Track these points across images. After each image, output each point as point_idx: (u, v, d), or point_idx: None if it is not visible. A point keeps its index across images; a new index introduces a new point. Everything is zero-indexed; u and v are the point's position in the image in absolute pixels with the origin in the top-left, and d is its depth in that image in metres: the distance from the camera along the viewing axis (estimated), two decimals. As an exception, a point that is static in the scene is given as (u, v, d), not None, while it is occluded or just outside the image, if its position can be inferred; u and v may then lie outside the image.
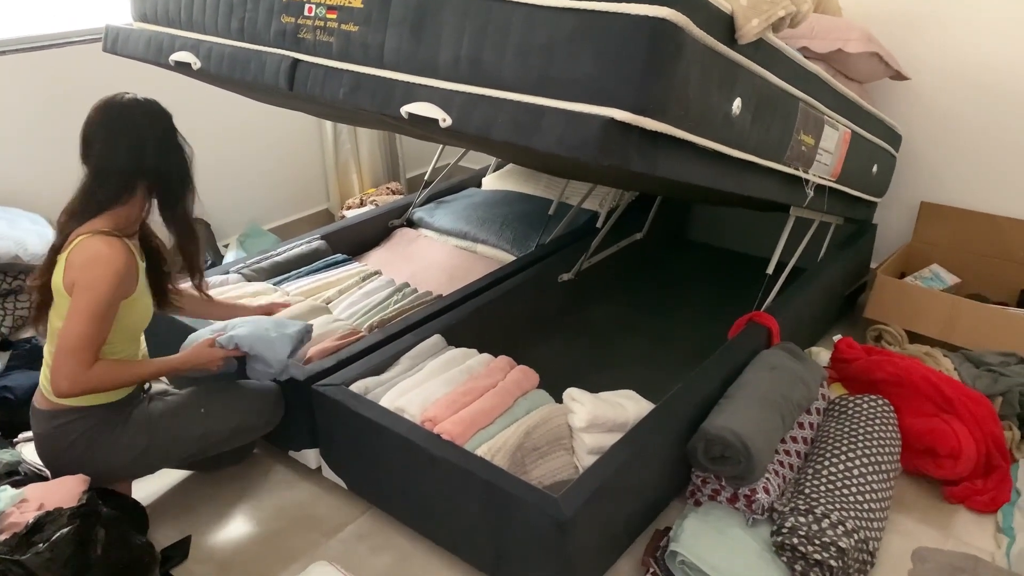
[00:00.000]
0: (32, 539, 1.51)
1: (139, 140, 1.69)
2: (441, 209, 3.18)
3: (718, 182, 1.63)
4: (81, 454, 1.74)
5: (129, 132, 1.69)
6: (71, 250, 1.65)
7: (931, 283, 2.85)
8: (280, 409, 2.00)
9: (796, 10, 1.55)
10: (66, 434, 1.74)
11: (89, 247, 1.63)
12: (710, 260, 3.33)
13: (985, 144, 2.83)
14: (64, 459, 1.76)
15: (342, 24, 1.56)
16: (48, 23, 2.84)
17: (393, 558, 1.87)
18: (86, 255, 1.63)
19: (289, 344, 1.88)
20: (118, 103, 1.70)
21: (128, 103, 1.71)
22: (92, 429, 1.74)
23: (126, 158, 1.68)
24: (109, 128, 1.68)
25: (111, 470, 1.79)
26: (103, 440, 1.75)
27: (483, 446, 1.75)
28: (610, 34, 1.25)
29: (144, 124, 1.71)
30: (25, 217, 2.60)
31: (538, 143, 1.32)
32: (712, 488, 1.88)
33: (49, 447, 1.77)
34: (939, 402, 2.11)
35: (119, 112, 1.70)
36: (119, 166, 1.68)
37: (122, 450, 1.77)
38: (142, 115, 1.71)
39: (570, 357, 2.58)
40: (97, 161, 1.69)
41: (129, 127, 1.69)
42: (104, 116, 1.69)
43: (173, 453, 1.86)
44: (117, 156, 1.68)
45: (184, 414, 1.86)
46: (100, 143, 1.68)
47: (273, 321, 1.96)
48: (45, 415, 1.75)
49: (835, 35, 2.40)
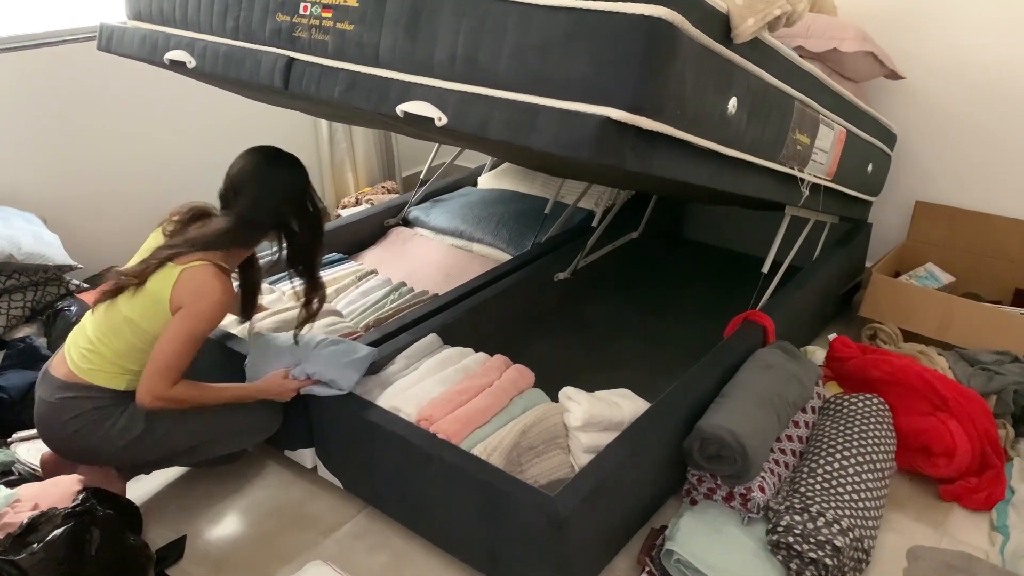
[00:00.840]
0: (26, 539, 1.51)
1: (285, 199, 1.80)
2: (437, 208, 3.17)
3: (714, 181, 1.63)
4: (77, 430, 1.75)
5: (277, 190, 1.79)
6: (187, 269, 1.71)
7: (926, 282, 2.86)
8: (279, 417, 1.99)
9: (792, 9, 1.55)
10: (73, 407, 1.75)
11: (206, 277, 1.71)
12: (706, 259, 3.33)
13: (980, 143, 2.84)
14: (59, 431, 1.76)
15: (337, 23, 1.55)
16: (42, 21, 2.83)
17: (389, 557, 1.87)
18: (201, 284, 1.71)
19: (357, 372, 1.92)
20: (271, 156, 1.81)
21: (279, 158, 1.82)
22: (96, 411, 1.76)
23: (270, 214, 1.80)
24: (260, 182, 1.78)
25: (98, 452, 1.79)
26: (104, 422, 1.76)
27: (479, 445, 1.75)
28: (606, 33, 1.25)
29: (290, 184, 1.82)
30: (19, 216, 2.59)
31: (534, 142, 1.32)
32: (708, 487, 1.89)
33: (49, 414, 1.77)
34: (934, 401, 2.11)
35: (271, 168, 1.80)
36: (261, 221, 1.79)
37: (116, 435, 1.77)
38: (289, 174, 1.82)
39: (566, 356, 2.58)
40: (241, 211, 1.78)
41: (278, 185, 1.80)
42: (256, 168, 1.79)
43: (164, 446, 1.85)
44: (262, 211, 1.78)
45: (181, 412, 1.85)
46: (248, 195, 1.77)
47: (344, 349, 1.97)
48: (58, 383, 1.76)
49: (830, 34, 2.40)
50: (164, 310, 1.71)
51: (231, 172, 1.80)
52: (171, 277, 1.70)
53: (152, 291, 1.72)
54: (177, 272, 1.71)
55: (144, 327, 1.73)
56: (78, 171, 2.94)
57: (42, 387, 1.80)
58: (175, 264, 1.72)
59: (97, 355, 1.75)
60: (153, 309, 1.72)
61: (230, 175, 1.80)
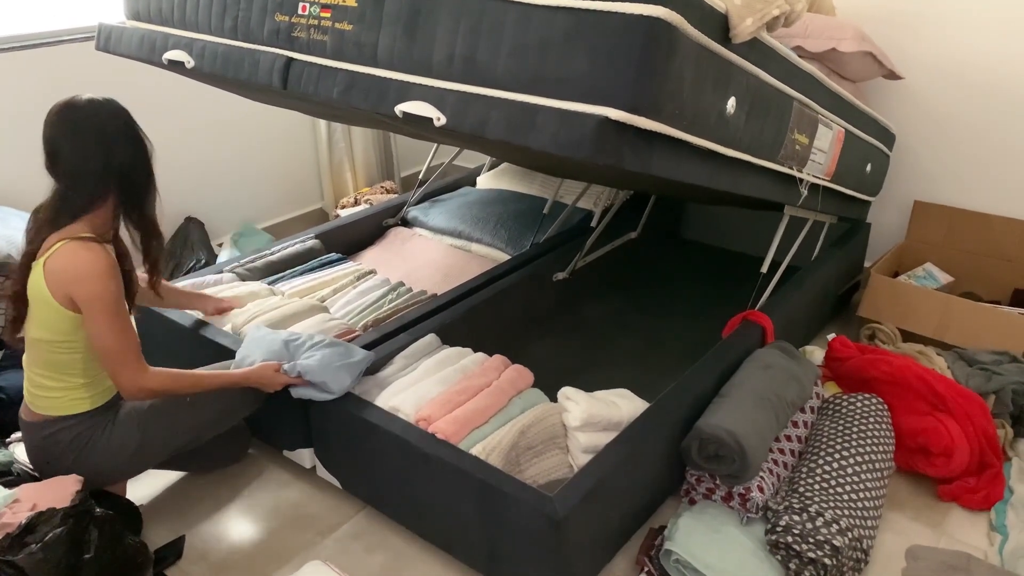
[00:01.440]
0: (25, 539, 1.50)
1: (105, 138, 1.63)
2: (436, 208, 3.17)
3: (712, 181, 1.63)
4: (74, 461, 1.74)
5: (96, 132, 1.63)
6: (50, 256, 1.60)
7: (924, 282, 2.86)
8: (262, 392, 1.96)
9: (790, 9, 1.55)
10: (56, 444, 1.73)
11: (72, 256, 1.59)
12: (704, 259, 3.33)
13: (978, 143, 2.84)
14: (58, 468, 1.74)
15: (336, 23, 1.55)
16: (40, 21, 2.83)
17: (387, 557, 1.87)
18: (73, 266, 1.59)
19: (351, 376, 1.90)
20: (78, 105, 1.64)
21: (88, 104, 1.64)
22: (81, 436, 1.73)
23: (96, 158, 1.62)
24: (76, 131, 1.62)
25: (105, 472, 1.78)
26: (95, 444, 1.74)
27: (478, 445, 1.75)
28: (604, 33, 1.25)
29: (108, 122, 1.65)
30: (17, 216, 2.58)
31: (532, 142, 1.32)
32: (706, 487, 1.89)
33: (41, 457, 1.77)
34: (932, 400, 2.11)
35: (83, 114, 1.63)
36: (91, 167, 1.63)
37: (115, 451, 1.76)
38: (106, 114, 1.65)
39: (564, 356, 2.58)
40: (67, 166, 1.63)
41: (95, 127, 1.63)
42: (68, 120, 1.62)
43: (167, 446, 1.85)
44: (87, 158, 1.62)
45: (172, 405, 1.84)
46: (69, 148, 1.62)
47: (340, 351, 1.94)
48: (32, 426, 1.75)
49: (829, 34, 2.40)
50: (55, 308, 1.62)
51: (46, 137, 1.63)
52: (39, 274, 1.61)
53: (34, 298, 1.64)
54: (41, 265, 1.61)
55: (54, 338, 1.65)
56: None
57: (24, 434, 1.79)
58: (38, 259, 1.62)
59: (44, 388, 1.71)
60: (47, 314, 1.63)
61: (45, 140, 1.64)
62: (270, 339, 1.98)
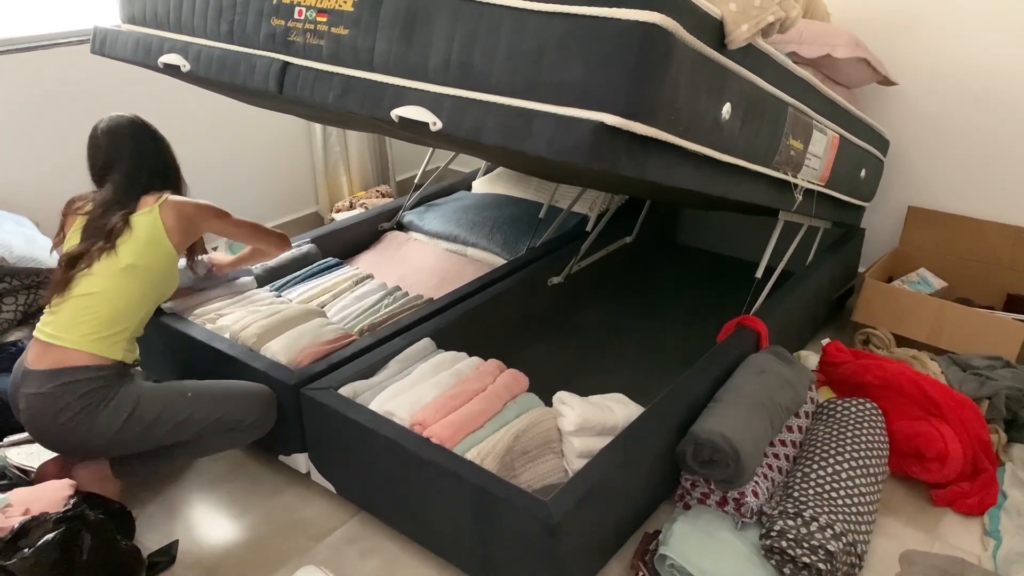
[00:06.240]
0: (17, 544, 1.50)
1: (157, 141, 2.02)
2: (431, 212, 3.17)
3: (707, 186, 1.64)
4: (71, 418, 1.74)
5: (147, 137, 2.01)
6: (161, 204, 1.91)
7: (918, 287, 2.87)
8: (272, 414, 1.98)
9: (785, 15, 1.56)
10: (69, 392, 1.75)
11: (177, 203, 1.94)
12: (699, 264, 3.34)
13: (972, 149, 2.85)
14: (52, 423, 1.75)
15: (332, 27, 1.55)
16: (35, 24, 2.82)
17: (382, 562, 1.87)
18: (183, 205, 1.95)
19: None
20: (121, 121, 1.99)
21: (125, 119, 2.00)
22: (95, 392, 1.76)
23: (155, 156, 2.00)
24: (133, 137, 1.98)
25: (89, 441, 1.78)
26: (96, 406, 1.76)
27: (472, 450, 1.75)
28: (600, 39, 1.26)
29: (149, 130, 2.03)
30: (10, 219, 2.58)
31: (528, 147, 1.32)
32: (701, 491, 1.89)
33: (41, 408, 1.75)
34: (926, 405, 2.12)
35: (130, 127, 1.99)
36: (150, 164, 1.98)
37: (106, 420, 1.76)
38: (141, 124, 2.02)
39: (559, 360, 2.58)
40: (129, 167, 1.94)
41: (148, 134, 2.01)
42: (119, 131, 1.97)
43: (153, 431, 1.83)
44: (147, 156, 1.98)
45: (172, 393, 1.87)
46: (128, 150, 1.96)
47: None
48: (46, 374, 1.75)
49: (823, 40, 2.41)
50: (164, 242, 1.90)
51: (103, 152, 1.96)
52: (154, 215, 1.90)
53: (145, 235, 1.87)
54: (156, 210, 1.90)
55: (148, 264, 1.87)
56: (71, 175, 2.92)
57: (27, 384, 1.78)
58: (148, 208, 1.90)
59: (92, 322, 1.79)
60: (152, 247, 1.88)
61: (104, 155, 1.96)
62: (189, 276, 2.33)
